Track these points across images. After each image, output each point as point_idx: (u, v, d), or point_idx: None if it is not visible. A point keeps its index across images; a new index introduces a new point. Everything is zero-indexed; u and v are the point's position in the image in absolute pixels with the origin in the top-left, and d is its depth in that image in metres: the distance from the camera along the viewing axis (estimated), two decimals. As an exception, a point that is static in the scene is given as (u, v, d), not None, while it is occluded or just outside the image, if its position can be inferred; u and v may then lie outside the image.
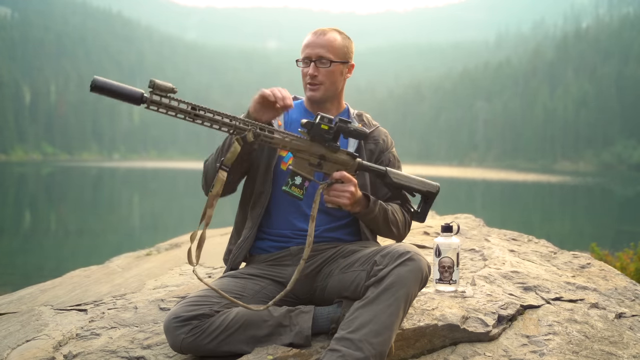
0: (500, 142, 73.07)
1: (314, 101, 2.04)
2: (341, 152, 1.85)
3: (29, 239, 12.63)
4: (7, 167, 49.48)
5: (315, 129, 1.79)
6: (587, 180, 41.17)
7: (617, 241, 9.00)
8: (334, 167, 1.83)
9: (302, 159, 1.81)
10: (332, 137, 1.81)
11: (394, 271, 1.66)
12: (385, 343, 1.61)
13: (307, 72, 1.99)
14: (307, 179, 1.81)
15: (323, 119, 1.79)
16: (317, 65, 1.98)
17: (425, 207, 1.98)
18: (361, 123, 2.10)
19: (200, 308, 1.74)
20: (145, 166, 55.70)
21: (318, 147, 1.81)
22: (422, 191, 1.96)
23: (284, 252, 1.97)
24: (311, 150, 1.81)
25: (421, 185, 1.97)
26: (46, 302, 2.60)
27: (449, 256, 2.09)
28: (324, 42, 1.99)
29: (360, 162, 1.88)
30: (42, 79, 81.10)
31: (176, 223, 15.18)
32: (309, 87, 2.01)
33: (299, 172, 1.80)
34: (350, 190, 1.80)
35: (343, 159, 1.85)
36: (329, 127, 1.79)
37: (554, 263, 2.65)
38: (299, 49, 2.06)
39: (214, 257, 3.29)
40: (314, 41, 2.00)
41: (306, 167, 1.81)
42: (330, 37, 2.00)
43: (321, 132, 1.79)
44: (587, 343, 1.87)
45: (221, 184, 1.73)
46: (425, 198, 1.98)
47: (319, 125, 1.79)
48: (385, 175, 1.92)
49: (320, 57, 1.98)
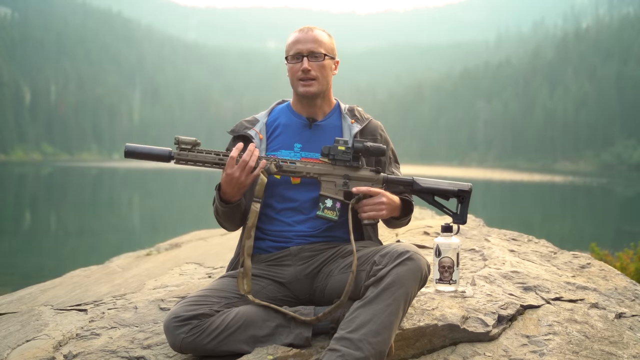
0: (500, 142, 73.04)
1: (307, 97, 2.01)
2: (364, 169, 1.91)
3: (29, 239, 12.61)
4: (7, 167, 49.46)
5: (333, 152, 1.85)
6: (587, 180, 41.15)
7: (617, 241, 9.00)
8: (360, 185, 1.88)
9: (328, 182, 1.87)
10: (352, 157, 1.86)
11: (393, 271, 1.66)
12: (385, 343, 1.61)
13: (299, 67, 1.98)
14: (337, 200, 1.86)
15: (338, 141, 1.86)
16: (310, 60, 1.98)
17: (463, 208, 1.96)
18: (353, 118, 2.09)
19: (200, 308, 1.74)
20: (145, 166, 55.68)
21: (340, 168, 1.88)
22: (454, 191, 1.95)
23: (284, 252, 1.97)
24: (335, 172, 1.87)
25: (452, 186, 1.96)
26: (46, 302, 2.60)
27: (449, 256, 2.09)
28: (314, 37, 1.99)
29: (386, 176, 1.92)
30: (42, 79, 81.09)
31: (176, 223, 15.17)
32: (301, 83, 1.99)
33: (327, 195, 1.87)
34: (382, 201, 1.85)
35: (368, 175, 1.90)
36: (345, 147, 1.86)
37: (554, 263, 2.65)
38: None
39: (214, 257, 3.29)
40: (303, 37, 1.99)
41: (333, 189, 1.87)
42: (318, 33, 2.01)
43: (339, 153, 1.85)
44: (587, 343, 1.87)
45: (255, 216, 1.82)
46: (461, 199, 1.96)
47: (335, 147, 1.86)
48: (414, 183, 1.94)
49: (312, 52, 1.98)
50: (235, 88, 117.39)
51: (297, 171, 1.86)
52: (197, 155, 1.79)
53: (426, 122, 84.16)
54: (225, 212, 1.91)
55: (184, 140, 1.77)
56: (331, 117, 2.09)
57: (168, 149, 1.79)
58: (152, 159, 1.77)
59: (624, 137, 62.18)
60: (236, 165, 1.79)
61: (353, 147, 1.86)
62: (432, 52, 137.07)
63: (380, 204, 1.85)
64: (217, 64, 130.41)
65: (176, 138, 1.78)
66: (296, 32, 2.03)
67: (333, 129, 2.07)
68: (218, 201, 1.88)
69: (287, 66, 2.03)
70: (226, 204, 1.89)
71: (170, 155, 1.77)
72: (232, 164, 1.80)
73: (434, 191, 1.95)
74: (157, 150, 1.77)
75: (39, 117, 76.42)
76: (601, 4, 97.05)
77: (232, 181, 1.80)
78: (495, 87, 79.69)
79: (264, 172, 1.82)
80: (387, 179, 1.92)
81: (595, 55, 72.02)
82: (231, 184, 1.81)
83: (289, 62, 2.01)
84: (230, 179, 1.80)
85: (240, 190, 1.85)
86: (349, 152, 1.86)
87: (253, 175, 1.82)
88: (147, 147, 1.77)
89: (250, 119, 2.10)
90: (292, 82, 2.03)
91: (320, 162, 1.89)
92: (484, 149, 76.05)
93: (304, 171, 1.86)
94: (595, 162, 62.55)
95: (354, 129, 2.04)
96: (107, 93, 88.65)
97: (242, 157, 1.80)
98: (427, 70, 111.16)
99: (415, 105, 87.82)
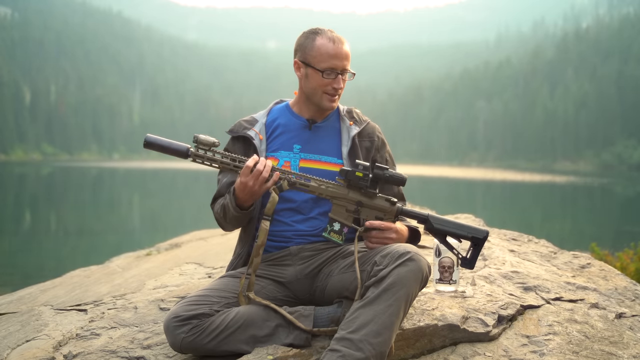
0: (500, 143, 73.05)
1: (327, 110, 2.03)
2: (379, 198, 1.85)
3: (29, 239, 12.61)
4: (7, 167, 49.46)
5: (350, 176, 1.81)
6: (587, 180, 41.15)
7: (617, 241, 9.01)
8: (372, 213, 1.85)
9: (340, 205, 1.84)
10: (369, 184, 1.82)
11: (394, 271, 1.66)
12: (386, 343, 1.61)
13: (330, 83, 1.96)
14: (346, 225, 1.84)
15: (358, 166, 1.82)
16: (343, 78, 1.97)
17: (474, 253, 1.89)
18: (352, 120, 2.09)
19: (200, 307, 1.74)
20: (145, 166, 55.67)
21: (355, 193, 1.84)
22: (468, 237, 1.88)
23: (284, 252, 1.97)
24: (348, 197, 1.83)
25: (467, 231, 1.88)
26: (46, 302, 2.60)
27: (449, 256, 2.09)
28: (347, 54, 1.97)
29: (400, 207, 1.87)
30: (42, 79, 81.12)
31: (176, 223, 15.18)
32: (328, 97, 1.98)
33: (336, 218, 1.84)
34: (392, 237, 1.83)
35: (381, 205, 1.85)
36: (363, 174, 1.81)
37: (554, 263, 2.65)
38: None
39: (214, 257, 3.29)
40: (339, 52, 1.94)
41: (343, 213, 1.84)
42: (348, 48, 1.99)
43: (357, 179, 1.81)
44: (587, 343, 1.87)
45: (265, 234, 1.80)
46: (474, 244, 1.89)
47: (353, 172, 1.81)
48: (427, 220, 1.88)
49: (345, 70, 1.97)
50: (235, 88, 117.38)
51: (310, 190, 1.83)
52: (214, 156, 1.79)
53: (426, 122, 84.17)
54: (237, 217, 1.91)
55: (203, 140, 1.76)
56: (330, 119, 2.09)
57: (186, 146, 1.78)
58: (170, 153, 1.76)
59: (624, 137, 62.18)
60: (251, 174, 1.79)
61: (372, 174, 1.81)
62: (432, 53, 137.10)
63: (389, 238, 1.83)
64: (217, 64, 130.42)
65: (195, 136, 1.78)
66: (326, 40, 1.95)
67: (332, 130, 2.07)
68: (233, 206, 1.87)
69: (310, 73, 1.97)
70: (240, 209, 1.89)
71: (187, 152, 1.76)
72: (247, 173, 1.79)
73: (447, 234, 1.89)
74: (176, 145, 1.76)
75: (39, 117, 76.43)
76: (601, 4, 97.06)
77: (246, 189, 1.80)
78: (495, 87, 79.70)
79: (276, 189, 1.80)
80: (401, 211, 1.87)
81: (595, 55, 72.03)
82: (245, 191, 1.81)
83: (322, 76, 1.95)
84: (245, 186, 1.80)
85: (253, 197, 1.85)
86: (367, 180, 1.81)
87: (266, 186, 1.81)
88: (166, 141, 1.76)
89: (248, 119, 2.10)
90: (316, 91, 1.98)
91: (335, 185, 1.84)
92: (484, 149, 76.06)
93: (317, 191, 1.83)
94: (596, 162, 62.55)
95: (353, 131, 2.05)
96: (107, 93, 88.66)
97: (256, 167, 1.79)
98: (427, 70, 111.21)
99: (415, 106, 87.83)
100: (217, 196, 2.05)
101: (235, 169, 1.81)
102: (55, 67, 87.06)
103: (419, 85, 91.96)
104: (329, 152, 2.03)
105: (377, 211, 1.85)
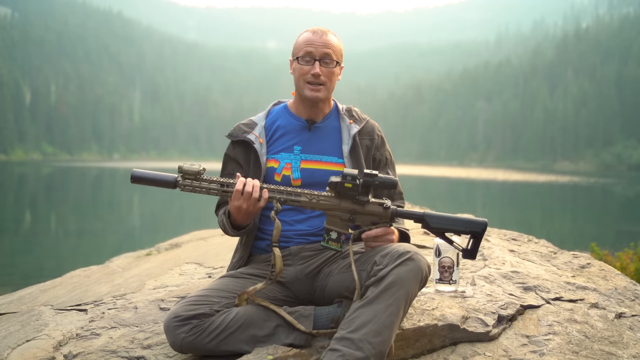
0: (500, 143, 73.06)
1: (314, 101, 2.01)
2: (372, 204, 1.83)
3: (29, 239, 12.62)
4: (7, 167, 49.46)
5: (339, 188, 1.80)
6: (587, 180, 41.14)
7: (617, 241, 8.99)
8: (368, 219, 1.84)
9: (334, 215, 1.84)
10: (359, 192, 1.80)
11: (394, 271, 1.66)
12: (385, 343, 1.61)
13: (309, 70, 1.96)
14: (343, 234, 1.84)
15: (346, 177, 1.79)
16: (321, 65, 1.96)
17: (475, 245, 1.88)
18: (351, 118, 2.09)
19: (201, 307, 1.74)
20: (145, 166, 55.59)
21: (347, 203, 1.83)
22: (466, 232, 1.87)
23: (284, 252, 1.97)
24: (340, 207, 1.83)
25: (464, 226, 1.86)
26: (46, 302, 2.60)
27: (449, 256, 2.09)
28: (327, 41, 1.97)
29: (395, 210, 1.84)
30: (42, 79, 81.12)
31: (176, 223, 15.19)
32: (309, 86, 1.98)
33: (333, 228, 1.84)
34: (392, 238, 1.85)
35: (375, 211, 1.83)
36: (352, 185, 1.79)
37: (554, 263, 2.65)
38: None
39: (214, 257, 3.29)
40: (317, 40, 1.97)
41: (339, 222, 1.84)
42: (331, 38, 1.99)
43: (346, 190, 1.80)
44: (587, 343, 1.87)
45: (280, 260, 1.79)
46: (473, 236, 1.88)
47: (342, 184, 1.79)
48: (423, 219, 1.87)
49: (325, 57, 1.96)
50: (235, 88, 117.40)
51: (302, 205, 1.83)
52: (201, 185, 1.80)
53: (426, 122, 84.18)
54: (237, 234, 1.95)
55: (188, 170, 1.78)
56: (330, 118, 2.09)
57: (174, 176, 1.80)
58: (158, 185, 1.79)
59: (624, 137, 62.18)
60: (242, 197, 1.79)
61: (361, 183, 1.79)
62: (432, 53, 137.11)
63: (390, 240, 1.84)
64: (217, 64, 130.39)
65: (179, 167, 1.79)
66: (309, 32, 2.00)
67: (332, 130, 2.07)
68: (230, 228, 1.90)
69: (294, 65, 2.00)
70: (238, 230, 1.92)
71: (175, 183, 1.79)
72: (239, 197, 1.79)
73: (445, 230, 1.88)
74: (163, 177, 1.79)
75: (39, 117, 76.44)
76: (601, 4, 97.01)
77: (241, 211, 1.81)
78: (495, 87, 79.71)
79: (274, 213, 1.80)
80: (395, 213, 1.85)
81: (595, 55, 72.00)
82: (240, 214, 1.82)
83: (298, 62, 1.98)
84: (239, 210, 1.81)
85: (250, 218, 1.86)
86: (356, 189, 1.79)
87: (259, 205, 1.81)
88: (153, 174, 1.79)
89: (247, 122, 2.09)
90: (299, 82, 2.00)
91: (326, 197, 1.83)
92: (484, 149, 76.06)
93: (309, 206, 1.83)
94: (595, 162, 62.54)
95: (353, 130, 2.05)
96: (107, 93, 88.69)
97: (245, 190, 1.79)
98: (427, 70, 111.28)
99: (415, 106, 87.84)
100: (221, 202, 2.06)
101: (224, 194, 1.81)
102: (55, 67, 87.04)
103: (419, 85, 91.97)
104: (330, 152, 2.03)
105: (371, 217, 1.84)
